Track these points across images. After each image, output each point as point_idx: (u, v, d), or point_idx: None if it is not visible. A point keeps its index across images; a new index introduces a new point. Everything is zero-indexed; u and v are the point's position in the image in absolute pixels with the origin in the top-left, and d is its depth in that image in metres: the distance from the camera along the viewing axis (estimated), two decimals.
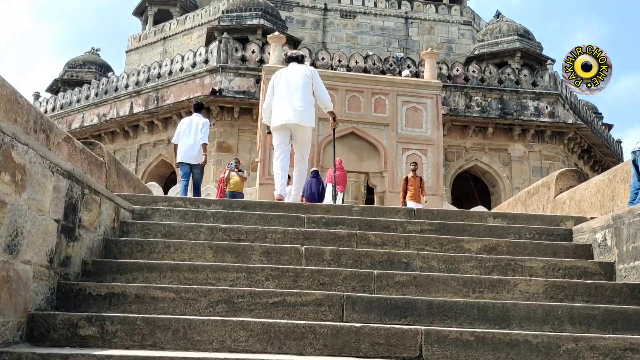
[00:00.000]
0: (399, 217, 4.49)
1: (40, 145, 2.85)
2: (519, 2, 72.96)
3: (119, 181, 7.31)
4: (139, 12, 28.20)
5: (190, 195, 8.79)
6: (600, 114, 25.67)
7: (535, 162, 20.49)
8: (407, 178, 11.39)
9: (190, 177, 8.59)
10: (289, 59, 6.31)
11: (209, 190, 13.59)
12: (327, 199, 11.48)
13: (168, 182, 21.40)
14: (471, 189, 21.78)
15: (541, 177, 20.57)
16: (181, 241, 3.68)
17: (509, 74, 20.80)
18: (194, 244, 3.64)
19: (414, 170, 11.43)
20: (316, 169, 11.35)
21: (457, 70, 20.58)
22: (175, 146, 8.51)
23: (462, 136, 19.92)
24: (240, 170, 12.29)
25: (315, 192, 10.75)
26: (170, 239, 3.78)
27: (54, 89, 25.26)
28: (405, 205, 10.79)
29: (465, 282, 3.40)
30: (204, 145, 8.36)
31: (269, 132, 6.24)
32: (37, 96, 24.16)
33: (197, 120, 8.49)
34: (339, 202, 11.34)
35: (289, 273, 3.35)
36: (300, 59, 6.30)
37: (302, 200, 10.19)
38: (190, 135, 8.30)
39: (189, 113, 20.16)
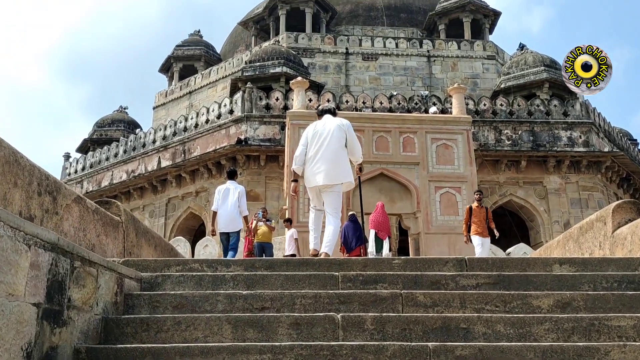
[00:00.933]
0: (449, 269, 3.79)
1: (8, 214, 2.28)
2: (539, 32, 72.53)
3: (138, 240, 6.76)
4: (165, 68, 28.43)
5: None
6: (635, 140, 24.61)
7: (572, 194, 19.48)
8: (470, 209, 10.15)
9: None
10: (322, 112, 6.20)
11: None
12: (370, 246, 11.18)
13: (197, 234, 20.94)
14: (508, 224, 20.81)
15: (580, 209, 19.58)
16: (194, 315, 3.05)
17: (538, 105, 20.06)
18: (209, 318, 3.00)
19: (479, 200, 10.18)
20: (354, 212, 10.76)
21: (485, 105, 19.93)
22: (214, 214, 8.70)
23: (494, 171, 19.10)
24: (267, 220, 11.71)
25: (351, 237, 10.26)
26: (182, 313, 3.16)
27: (84, 148, 25.32)
28: (470, 241, 10.02)
29: (544, 352, 2.68)
30: (245, 218, 8.67)
31: (295, 180, 6.11)
32: (67, 157, 24.21)
33: (232, 189, 8.69)
34: (385, 250, 10.96)
35: (324, 351, 2.68)
36: (333, 112, 6.24)
37: (341, 252, 10.36)
38: (228, 204, 8.51)
39: (216, 164, 20.02)
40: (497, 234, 10.21)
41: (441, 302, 3.25)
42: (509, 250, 13.34)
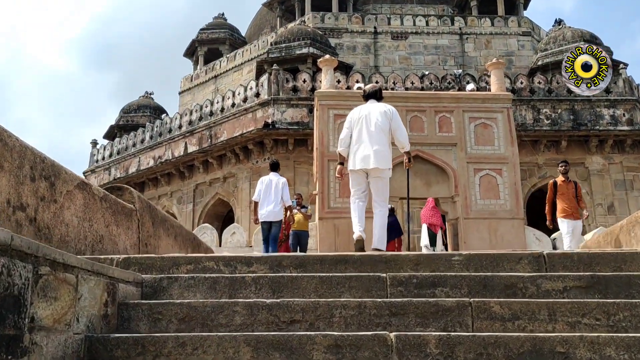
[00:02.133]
0: (524, 267, 3.00)
1: None
2: (572, 11, 69.92)
3: (155, 230, 6.08)
4: (190, 53, 27.80)
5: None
6: None
7: (617, 175, 18.32)
8: (555, 184, 8.29)
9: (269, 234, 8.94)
10: (367, 96, 6.03)
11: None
12: (424, 239, 11.14)
13: (226, 220, 20.38)
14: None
15: (625, 190, 18.39)
16: (204, 335, 2.33)
17: None
18: (223, 338, 2.28)
19: (566, 173, 8.29)
20: (391, 206, 10.23)
21: (522, 83, 18.83)
22: (256, 204, 8.83)
23: (533, 152, 18.03)
24: (303, 207, 11.02)
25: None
26: (190, 329, 2.45)
27: (111, 135, 24.93)
28: (555, 226, 8.07)
29: None
30: (290, 207, 8.91)
31: (341, 163, 5.90)
32: (94, 143, 23.84)
33: (275, 180, 8.84)
34: (439, 245, 10.80)
35: None
36: (379, 96, 6.07)
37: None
38: (271, 195, 8.64)
39: (244, 149, 19.33)
40: (586, 214, 8.39)
41: (523, 314, 2.46)
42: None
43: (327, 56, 13.67)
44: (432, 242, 11.67)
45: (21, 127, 70.44)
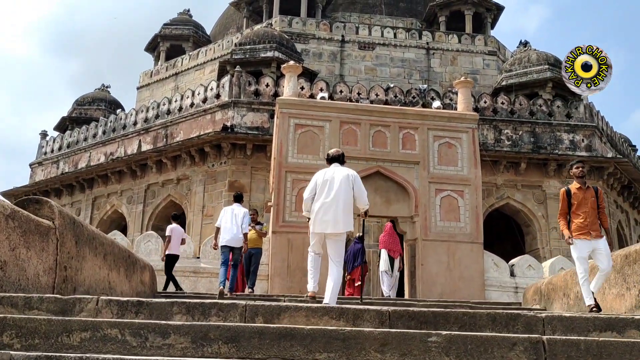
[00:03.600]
0: (518, 356, 2.32)
1: None
2: (536, 32, 71.13)
3: (80, 250, 5.21)
4: (151, 47, 26.61)
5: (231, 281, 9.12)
6: (635, 146, 23.33)
7: None
8: (568, 192, 6.26)
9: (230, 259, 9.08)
10: (330, 160, 6.33)
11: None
12: (382, 266, 11.16)
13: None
14: (503, 229, 19.48)
15: None
16: None
17: (540, 105, 18.68)
18: None
19: (582, 177, 6.25)
20: (361, 234, 10.58)
21: (485, 102, 18.51)
22: (218, 229, 9.09)
23: (492, 172, 17.67)
24: (258, 223, 10.25)
25: (352, 258, 10.89)
26: None
27: (62, 127, 23.54)
28: (572, 242, 6.02)
29: None
30: (245, 235, 8.96)
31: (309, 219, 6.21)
32: (44, 135, 22.46)
33: (237, 210, 9.10)
34: (395, 269, 11.18)
35: None
36: (341, 160, 6.34)
37: (346, 278, 10.91)
38: (233, 222, 8.91)
39: (200, 151, 18.32)
40: (607, 227, 6.23)
41: None
42: (512, 261, 11.97)
43: (292, 62, 12.95)
44: (392, 267, 11.31)
45: None
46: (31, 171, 22.30)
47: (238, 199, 9.47)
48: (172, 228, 10.36)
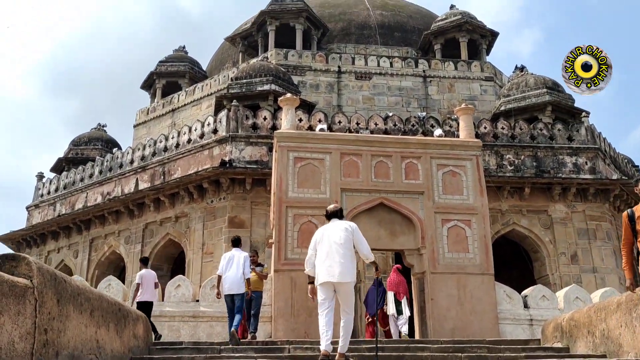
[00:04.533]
0: None
1: None
2: (530, 56, 71.44)
3: (63, 309, 4.68)
4: (147, 85, 26.42)
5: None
6: (638, 166, 22.92)
7: (579, 224, 17.64)
8: (631, 216, 4.96)
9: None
10: (329, 215, 6.40)
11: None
12: (390, 308, 10.99)
13: (177, 262, 18.80)
14: (508, 255, 18.92)
15: (588, 240, 17.66)
16: None
17: (541, 129, 18.34)
18: None
19: None
20: (379, 278, 10.68)
21: (485, 128, 18.17)
22: (219, 278, 8.95)
23: (496, 198, 17.21)
24: (258, 265, 9.74)
25: (372, 301, 11.13)
26: None
27: (59, 168, 23.14)
28: (634, 288, 4.87)
29: None
30: (247, 280, 8.86)
31: (311, 282, 6.25)
32: (40, 177, 22.06)
33: (237, 255, 8.97)
34: (406, 313, 10.95)
35: None
36: (340, 215, 6.44)
37: (366, 319, 11.32)
38: (234, 269, 8.79)
39: (198, 187, 17.84)
40: None
41: None
42: (525, 292, 11.42)
43: (289, 95, 12.60)
44: (399, 309, 10.86)
45: None
46: (28, 214, 21.83)
47: (236, 243, 9.24)
48: (142, 275, 9.81)
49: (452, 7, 25.08)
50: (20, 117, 66.41)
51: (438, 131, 14.35)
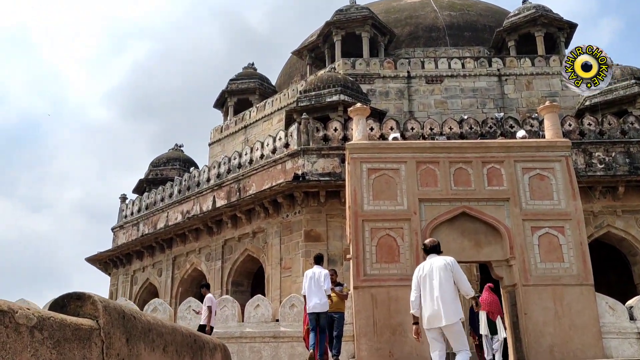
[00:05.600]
0: None
1: None
2: (610, 45, 67.44)
3: (133, 348, 4.34)
4: (220, 104, 26.75)
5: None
6: None
7: None
8: None
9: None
10: (428, 251, 6.31)
11: (293, 300, 10.51)
12: (483, 328, 10.60)
13: (257, 277, 18.68)
14: (602, 259, 17.44)
15: None
16: None
17: (632, 123, 16.85)
18: None
19: None
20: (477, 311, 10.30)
21: (570, 125, 16.88)
22: (305, 297, 8.94)
23: (587, 200, 15.88)
24: (338, 284, 9.31)
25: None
26: None
27: (140, 189, 23.74)
28: None
29: None
30: (329, 296, 8.83)
31: (416, 323, 6.15)
32: (123, 198, 22.68)
33: (318, 272, 8.90)
34: (501, 333, 10.43)
35: None
36: (438, 250, 6.30)
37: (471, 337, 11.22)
38: (317, 288, 8.76)
39: (273, 202, 17.66)
40: None
41: None
42: (629, 303, 10.28)
43: (358, 104, 12.08)
44: (492, 330, 10.03)
45: (62, 178, 70.87)
46: (113, 235, 22.47)
47: (318, 260, 9.19)
48: (211, 298, 9.53)
49: (524, 1, 23.78)
50: (103, 140, 69.76)
51: (521, 132, 13.37)
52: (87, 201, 66.42)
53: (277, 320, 10.30)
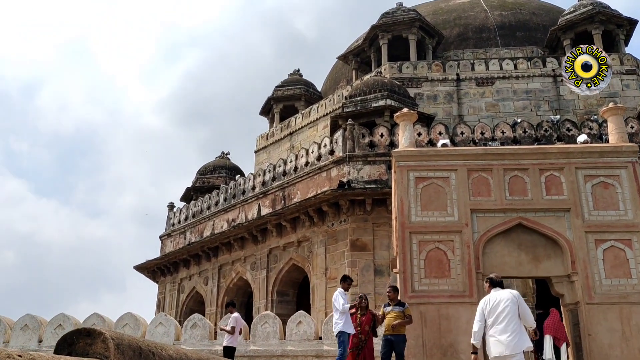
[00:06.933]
0: None
1: None
2: None
3: None
4: (265, 111, 26.51)
5: None
6: None
7: None
8: None
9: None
10: (495, 284, 6.48)
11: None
12: (548, 353, 10.18)
13: (302, 286, 18.21)
14: None
15: None
16: None
17: None
18: None
19: None
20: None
21: (632, 127, 15.73)
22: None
23: None
24: (398, 304, 8.36)
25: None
26: None
27: (188, 197, 23.71)
28: None
29: None
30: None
31: (474, 352, 6.30)
32: (171, 207, 22.70)
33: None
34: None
35: None
36: (502, 284, 6.52)
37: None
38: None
39: (318, 211, 17.17)
40: None
41: None
42: None
43: (405, 109, 11.41)
44: (557, 356, 9.21)
45: (118, 184, 72.67)
46: (161, 243, 22.50)
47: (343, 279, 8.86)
48: (237, 318, 9.05)
49: None
50: (156, 147, 71.16)
51: (582, 137, 12.39)
52: (139, 207, 67.83)
53: (320, 338, 9.75)
